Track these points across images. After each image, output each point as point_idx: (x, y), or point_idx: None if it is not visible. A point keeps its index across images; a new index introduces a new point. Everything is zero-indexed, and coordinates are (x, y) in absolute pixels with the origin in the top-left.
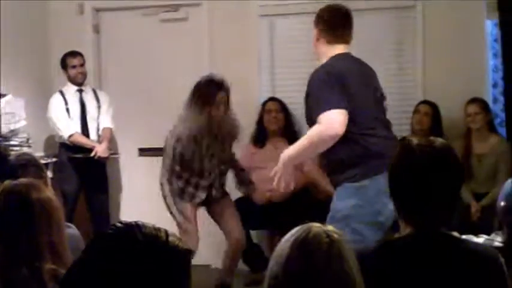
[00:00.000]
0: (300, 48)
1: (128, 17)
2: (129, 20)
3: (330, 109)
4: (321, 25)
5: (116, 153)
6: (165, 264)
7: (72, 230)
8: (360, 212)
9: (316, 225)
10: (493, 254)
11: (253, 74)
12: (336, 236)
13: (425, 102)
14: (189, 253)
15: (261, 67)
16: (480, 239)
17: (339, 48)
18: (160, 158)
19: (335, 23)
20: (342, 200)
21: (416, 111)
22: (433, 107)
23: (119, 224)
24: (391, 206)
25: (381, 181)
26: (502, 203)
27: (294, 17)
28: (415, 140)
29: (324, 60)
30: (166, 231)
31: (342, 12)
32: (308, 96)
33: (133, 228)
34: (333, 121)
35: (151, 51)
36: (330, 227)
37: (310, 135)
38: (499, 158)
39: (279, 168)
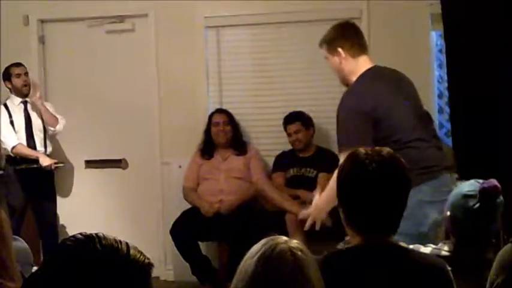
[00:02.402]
0: (247, 59)
1: (73, 28)
2: (74, 31)
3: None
4: (340, 43)
5: (61, 162)
6: (125, 277)
7: (20, 243)
8: (402, 225)
9: (281, 241)
10: (439, 263)
11: (201, 85)
12: (300, 253)
13: None
14: (149, 266)
15: (209, 78)
16: (427, 249)
17: (365, 61)
18: (107, 170)
19: (351, 35)
20: None
21: None
22: None
23: (79, 236)
24: (434, 214)
25: (424, 189)
26: (448, 213)
27: (240, 28)
28: (362, 150)
29: (353, 79)
30: (127, 244)
31: (349, 24)
32: (337, 121)
33: (94, 240)
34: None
35: (97, 63)
36: (294, 242)
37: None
38: None
39: (310, 214)
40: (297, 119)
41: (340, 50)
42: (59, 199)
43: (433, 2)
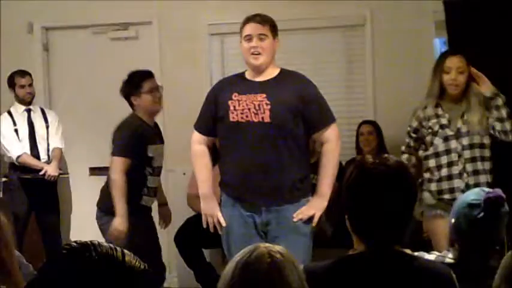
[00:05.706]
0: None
1: (77, 36)
2: (78, 38)
3: (334, 122)
4: (276, 31)
5: (66, 173)
6: (121, 284)
7: (25, 262)
8: None
9: (262, 246)
10: (444, 270)
11: (205, 92)
12: (278, 255)
13: (366, 122)
14: (145, 272)
15: (213, 85)
16: (432, 256)
17: None
18: None
19: None
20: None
21: (360, 133)
22: (375, 125)
23: (74, 244)
24: None
25: None
26: (453, 220)
27: None
28: (369, 159)
29: (272, 66)
30: (122, 251)
31: None
32: (309, 103)
33: (89, 248)
34: (338, 136)
35: (101, 70)
36: (276, 247)
37: (336, 158)
38: None
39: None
40: None
41: (277, 38)
42: (62, 207)
43: (437, 10)
